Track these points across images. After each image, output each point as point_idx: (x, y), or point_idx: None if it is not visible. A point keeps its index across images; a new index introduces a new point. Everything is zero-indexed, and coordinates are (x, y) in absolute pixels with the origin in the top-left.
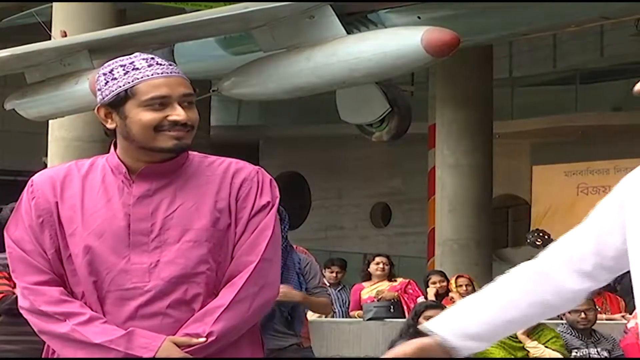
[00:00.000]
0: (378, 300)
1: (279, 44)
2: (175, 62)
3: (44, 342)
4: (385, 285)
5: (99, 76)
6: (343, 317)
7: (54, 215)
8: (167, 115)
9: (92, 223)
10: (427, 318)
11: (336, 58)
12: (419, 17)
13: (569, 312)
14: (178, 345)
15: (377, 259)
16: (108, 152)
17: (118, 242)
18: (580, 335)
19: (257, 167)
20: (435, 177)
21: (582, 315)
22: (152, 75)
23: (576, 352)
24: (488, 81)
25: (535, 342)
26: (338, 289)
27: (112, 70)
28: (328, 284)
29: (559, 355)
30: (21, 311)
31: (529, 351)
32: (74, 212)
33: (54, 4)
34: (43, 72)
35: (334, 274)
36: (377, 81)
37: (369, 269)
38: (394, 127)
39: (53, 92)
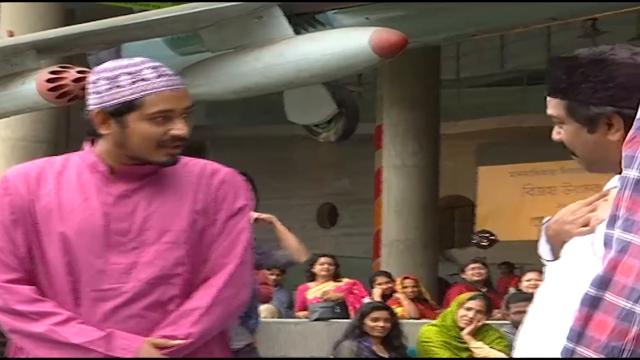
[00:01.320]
0: (324, 301)
1: (227, 45)
2: None
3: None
4: (330, 285)
5: (99, 79)
6: (283, 317)
7: (29, 212)
8: (169, 130)
9: (69, 221)
10: (373, 319)
11: (284, 59)
12: (367, 18)
13: (513, 314)
14: (156, 346)
15: (322, 260)
16: (56, 153)
17: (96, 241)
18: None
19: (232, 169)
20: (382, 178)
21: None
22: (160, 88)
23: None
24: (435, 82)
25: (480, 343)
26: (276, 289)
27: (117, 76)
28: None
29: (504, 356)
30: None
31: (473, 351)
32: (50, 209)
33: (1, 3)
34: None
35: (274, 276)
36: (324, 82)
37: (313, 270)
38: (341, 127)
39: None
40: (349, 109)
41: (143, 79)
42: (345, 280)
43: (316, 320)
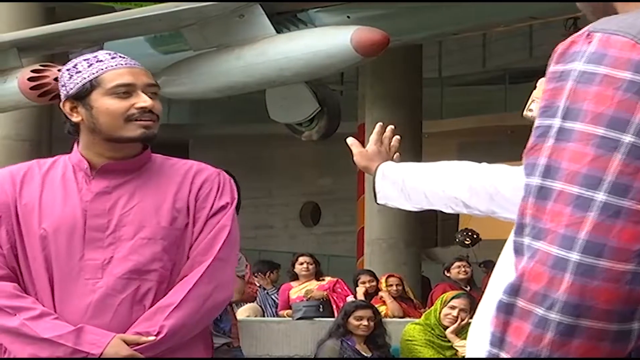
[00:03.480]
0: (307, 300)
1: (209, 43)
2: None
3: None
4: (313, 284)
5: (62, 73)
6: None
7: (12, 210)
8: (134, 103)
9: (48, 219)
10: (357, 318)
11: (266, 57)
12: (348, 17)
13: None
14: (127, 342)
15: (301, 259)
16: (39, 151)
17: (74, 238)
18: None
19: (219, 169)
20: (365, 177)
21: None
22: (115, 65)
23: None
24: (417, 81)
25: (464, 342)
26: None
27: (75, 65)
28: (264, 289)
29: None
30: None
31: (457, 350)
32: (32, 208)
33: None
34: None
35: (273, 277)
36: (306, 80)
37: (294, 269)
38: (323, 126)
39: None
40: (331, 108)
41: (99, 61)
42: (328, 278)
43: (300, 319)
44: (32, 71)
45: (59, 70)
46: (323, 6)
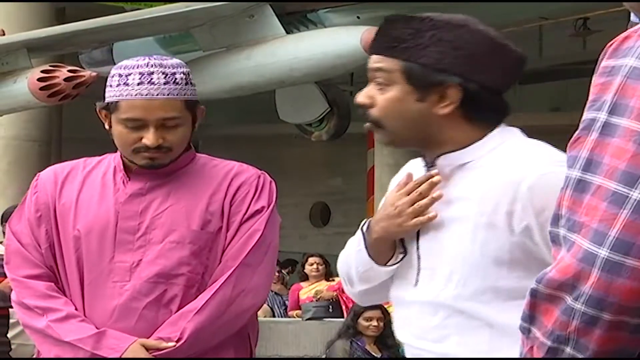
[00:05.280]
0: (317, 300)
1: (219, 43)
2: (114, 62)
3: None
4: (323, 285)
5: (108, 75)
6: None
7: (52, 210)
8: (142, 137)
9: (83, 219)
10: (367, 319)
11: (276, 57)
12: (358, 17)
13: None
14: (148, 348)
15: (311, 260)
16: (49, 152)
17: (105, 239)
18: None
19: (261, 171)
20: (375, 177)
21: None
22: (134, 95)
23: None
24: None
25: None
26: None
27: (113, 76)
28: (272, 291)
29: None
30: (12, 304)
31: None
32: (69, 208)
33: None
34: None
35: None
36: (316, 81)
37: (304, 270)
38: (333, 126)
39: None
40: (341, 108)
41: (125, 84)
42: (338, 279)
43: (309, 319)
44: (42, 72)
45: (69, 71)
46: (333, 6)
